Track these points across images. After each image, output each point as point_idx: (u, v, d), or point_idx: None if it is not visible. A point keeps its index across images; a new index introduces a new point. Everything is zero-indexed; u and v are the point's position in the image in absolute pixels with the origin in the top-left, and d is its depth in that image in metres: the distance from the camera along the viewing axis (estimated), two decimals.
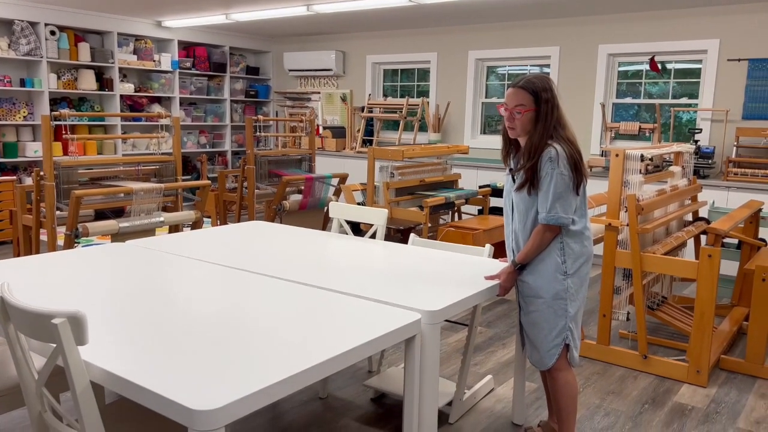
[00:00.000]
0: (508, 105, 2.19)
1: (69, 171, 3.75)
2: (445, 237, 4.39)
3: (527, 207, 2.23)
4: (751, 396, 3.01)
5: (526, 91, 2.15)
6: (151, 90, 7.26)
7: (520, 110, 2.16)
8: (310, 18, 6.42)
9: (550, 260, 2.23)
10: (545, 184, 2.15)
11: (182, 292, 2.03)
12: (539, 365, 2.34)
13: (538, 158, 2.15)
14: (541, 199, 2.17)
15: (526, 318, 2.34)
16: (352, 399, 2.87)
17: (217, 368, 1.43)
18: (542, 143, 2.15)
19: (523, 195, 2.23)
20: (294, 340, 1.62)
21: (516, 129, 2.20)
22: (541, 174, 2.16)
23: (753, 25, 5.13)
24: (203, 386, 1.34)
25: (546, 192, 2.15)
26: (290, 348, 1.57)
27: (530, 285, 2.28)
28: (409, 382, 1.90)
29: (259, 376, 1.40)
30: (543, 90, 2.15)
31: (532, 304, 2.29)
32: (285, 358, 1.50)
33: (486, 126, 6.81)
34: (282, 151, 5.28)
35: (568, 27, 6.03)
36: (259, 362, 1.47)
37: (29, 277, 2.15)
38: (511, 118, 2.19)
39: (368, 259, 2.55)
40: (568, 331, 2.28)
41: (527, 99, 2.15)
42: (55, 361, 1.43)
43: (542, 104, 2.14)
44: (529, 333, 2.34)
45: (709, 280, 3.00)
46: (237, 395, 1.30)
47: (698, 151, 5.14)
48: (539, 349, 2.32)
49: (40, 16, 6.14)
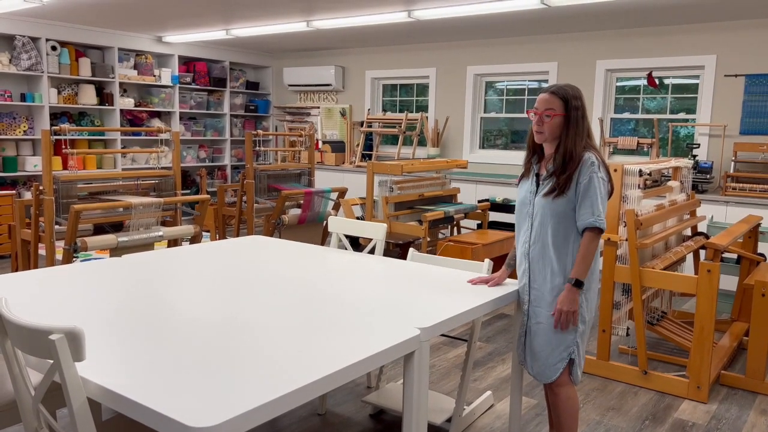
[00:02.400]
0: (538, 109, 2.20)
1: (68, 185, 3.75)
2: (444, 251, 4.39)
3: (558, 211, 2.20)
4: (752, 412, 2.99)
5: (556, 96, 2.18)
6: (151, 105, 7.29)
7: (550, 113, 2.17)
8: (309, 33, 6.47)
9: (569, 273, 2.22)
10: (590, 189, 2.15)
11: (180, 307, 2.02)
12: (541, 378, 2.31)
13: (578, 164, 2.16)
14: (586, 203, 2.16)
15: (535, 327, 2.30)
16: (351, 415, 2.85)
17: (214, 384, 1.42)
18: (579, 149, 2.17)
19: (550, 199, 2.20)
20: (292, 355, 1.62)
21: (544, 133, 2.20)
22: (581, 179, 2.16)
23: (750, 41, 5.17)
24: (201, 403, 1.33)
25: (593, 196, 2.15)
26: (289, 364, 1.56)
27: (546, 296, 2.26)
28: (408, 398, 1.89)
29: (257, 392, 1.39)
30: (573, 97, 2.18)
31: (545, 316, 2.26)
32: (283, 374, 1.50)
33: (485, 140, 6.84)
34: (281, 165, 5.30)
35: (566, 43, 6.08)
36: (257, 378, 1.46)
37: (27, 291, 2.15)
38: (540, 122, 2.20)
39: (367, 274, 2.54)
40: (574, 346, 2.26)
41: (557, 104, 2.17)
42: (52, 378, 1.42)
43: (572, 111, 2.17)
44: (535, 344, 2.30)
45: (709, 295, 2.99)
46: (235, 412, 1.29)
47: (696, 166, 5.15)
48: (543, 362, 2.29)
49: (42, 32, 6.18)
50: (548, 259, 2.24)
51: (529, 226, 2.30)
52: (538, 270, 2.28)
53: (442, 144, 6.98)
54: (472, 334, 2.64)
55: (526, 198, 2.31)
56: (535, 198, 2.27)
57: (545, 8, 4.79)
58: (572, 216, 2.20)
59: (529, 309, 2.33)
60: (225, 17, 5.72)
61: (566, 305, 2.18)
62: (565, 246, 2.22)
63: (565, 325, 2.20)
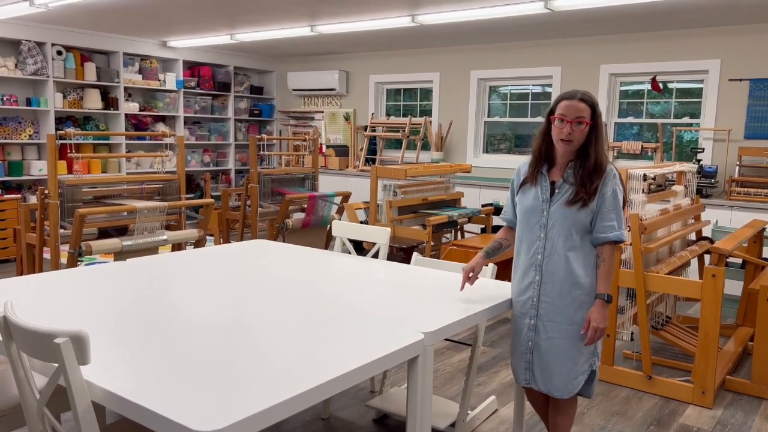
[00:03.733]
0: (567, 116, 2.10)
1: (73, 189, 3.77)
2: (448, 256, 4.38)
3: (576, 222, 2.14)
4: (757, 418, 2.97)
5: (586, 104, 2.11)
6: (155, 109, 7.32)
7: (581, 121, 2.10)
8: (313, 38, 6.49)
9: (590, 285, 2.17)
10: (613, 202, 2.13)
11: (184, 310, 2.02)
12: (561, 393, 2.20)
13: (603, 174, 2.13)
14: (611, 215, 2.13)
15: (548, 343, 2.19)
16: (355, 420, 2.85)
17: (219, 389, 1.43)
18: (606, 161, 2.15)
19: (573, 210, 2.13)
20: (296, 359, 1.62)
21: (574, 141, 2.12)
22: (605, 190, 2.13)
23: (753, 45, 5.16)
24: (205, 407, 1.33)
25: (617, 210, 2.13)
26: (293, 368, 1.56)
27: (563, 310, 2.17)
28: (412, 403, 1.88)
29: (262, 396, 1.39)
30: (597, 105, 2.14)
31: (561, 330, 2.17)
32: (287, 378, 1.50)
33: (488, 145, 6.84)
34: (285, 169, 5.31)
35: (570, 47, 6.08)
36: (262, 382, 1.47)
37: (32, 295, 2.15)
38: (571, 130, 2.11)
39: (371, 279, 2.54)
40: (595, 357, 2.22)
41: (587, 112, 2.11)
42: (57, 381, 1.42)
43: (598, 118, 2.13)
44: (552, 360, 2.19)
45: (714, 300, 2.98)
46: (239, 416, 1.29)
47: (701, 170, 5.14)
48: (564, 377, 2.18)
49: (48, 37, 6.21)
50: (570, 271, 2.15)
51: (541, 236, 2.19)
52: (553, 282, 2.17)
53: (446, 148, 6.98)
54: (475, 338, 2.63)
55: (536, 207, 2.20)
56: (550, 207, 2.17)
57: (549, 13, 4.80)
58: (589, 227, 2.16)
59: (537, 324, 2.21)
60: (229, 22, 5.74)
61: (601, 322, 2.12)
62: (588, 257, 2.17)
63: (596, 340, 2.15)
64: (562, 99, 2.14)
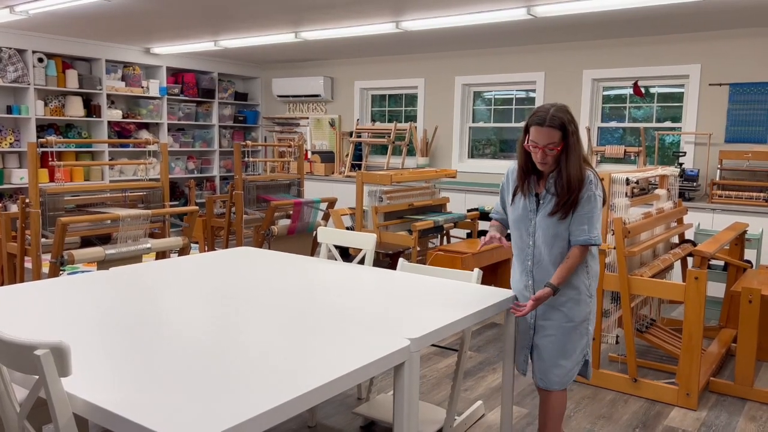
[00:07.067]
0: (538, 143, 2.18)
1: (55, 198, 3.72)
2: (434, 261, 4.39)
3: (558, 231, 2.25)
4: (741, 419, 3.00)
5: (554, 129, 2.16)
6: (139, 116, 7.27)
7: (552, 148, 2.17)
8: (298, 45, 6.48)
9: (580, 283, 2.29)
10: (586, 207, 2.21)
11: (169, 320, 2.00)
12: (559, 386, 2.34)
13: (580, 186, 2.19)
14: (580, 221, 2.21)
15: (545, 341, 2.33)
16: (341, 427, 2.84)
17: (203, 398, 1.41)
18: (580, 172, 2.20)
19: (554, 220, 2.24)
20: (282, 368, 1.61)
21: (549, 164, 2.22)
22: (581, 195, 2.20)
23: (733, 50, 5.24)
24: (189, 417, 1.32)
25: (589, 214, 2.21)
26: (278, 376, 1.55)
27: (561, 310, 2.30)
28: (399, 409, 1.88)
29: (246, 406, 1.38)
30: (568, 122, 2.17)
31: (556, 327, 2.31)
32: (273, 386, 1.49)
33: (473, 150, 6.87)
34: (270, 176, 5.29)
35: (553, 53, 6.13)
36: (247, 392, 1.45)
37: (13, 306, 2.12)
38: (544, 155, 2.19)
39: (357, 285, 2.54)
40: (588, 347, 2.36)
41: (557, 136, 2.16)
42: (38, 394, 1.40)
43: (570, 137, 2.17)
44: (549, 356, 2.33)
45: (697, 302, 3.01)
46: (223, 426, 1.28)
47: (683, 173, 5.20)
48: (561, 370, 2.32)
49: (28, 44, 6.15)
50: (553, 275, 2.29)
51: (530, 243, 2.33)
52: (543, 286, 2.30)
53: (431, 154, 7.00)
54: (462, 343, 2.63)
55: (524, 216, 2.33)
56: (536, 217, 2.29)
57: (532, 19, 4.84)
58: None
59: (537, 324, 2.37)
60: (213, 29, 5.72)
61: (539, 301, 2.24)
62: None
63: (526, 313, 2.26)
64: (533, 124, 2.20)
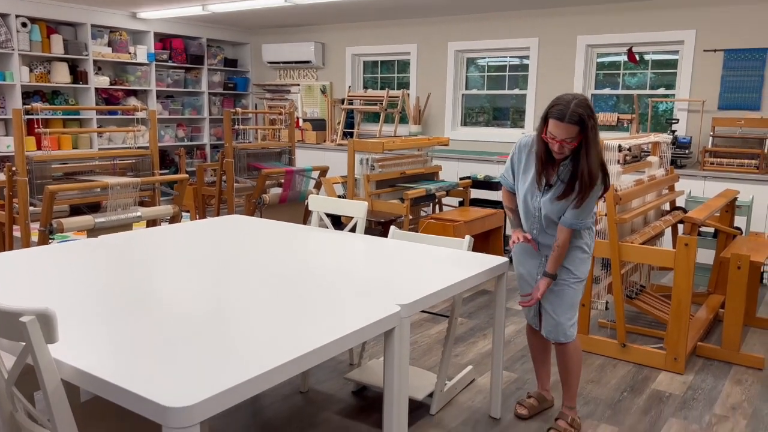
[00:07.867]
0: (556, 137, 2.19)
1: (42, 166, 3.67)
2: (426, 229, 4.39)
3: (557, 214, 2.36)
4: (727, 382, 3.05)
5: (573, 125, 2.17)
6: (126, 83, 7.15)
7: (570, 142, 2.20)
8: (288, 9, 6.36)
9: (584, 244, 2.42)
10: (588, 196, 2.29)
11: (158, 287, 2.00)
12: (565, 338, 2.47)
13: (594, 186, 2.26)
14: (574, 204, 2.29)
15: (558, 299, 2.45)
16: (333, 392, 2.86)
17: (192, 364, 1.41)
18: (598, 168, 2.24)
19: (557, 204, 2.33)
20: (272, 334, 1.61)
21: (565, 155, 2.26)
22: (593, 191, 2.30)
23: (728, 16, 5.18)
24: (177, 383, 1.32)
25: (584, 201, 2.28)
26: (268, 342, 1.55)
27: (568, 268, 2.43)
28: (389, 375, 1.89)
29: (236, 371, 1.38)
30: (588, 118, 2.17)
31: (567, 284, 2.43)
32: (262, 352, 1.49)
33: (466, 117, 6.82)
34: (261, 144, 5.23)
35: (546, 18, 6.04)
36: (236, 357, 1.45)
37: (2, 274, 2.10)
38: (561, 148, 2.22)
39: (348, 253, 2.53)
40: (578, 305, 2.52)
41: (575, 131, 2.18)
42: (25, 360, 1.39)
43: (589, 131, 2.18)
44: (563, 311, 2.45)
45: (686, 268, 3.03)
46: (212, 391, 1.28)
47: (675, 141, 5.19)
48: (566, 323, 2.46)
49: (11, 8, 6.00)
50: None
51: (536, 215, 2.43)
52: (550, 250, 2.45)
53: (424, 121, 6.95)
54: (453, 310, 2.65)
55: (533, 194, 2.40)
56: (541, 197, 2.38)
57: None
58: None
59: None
60: None
61: (540, 293, 2.43)
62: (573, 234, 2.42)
63: (532, 304, 2.47)
64: (552, 117, 2.19)
